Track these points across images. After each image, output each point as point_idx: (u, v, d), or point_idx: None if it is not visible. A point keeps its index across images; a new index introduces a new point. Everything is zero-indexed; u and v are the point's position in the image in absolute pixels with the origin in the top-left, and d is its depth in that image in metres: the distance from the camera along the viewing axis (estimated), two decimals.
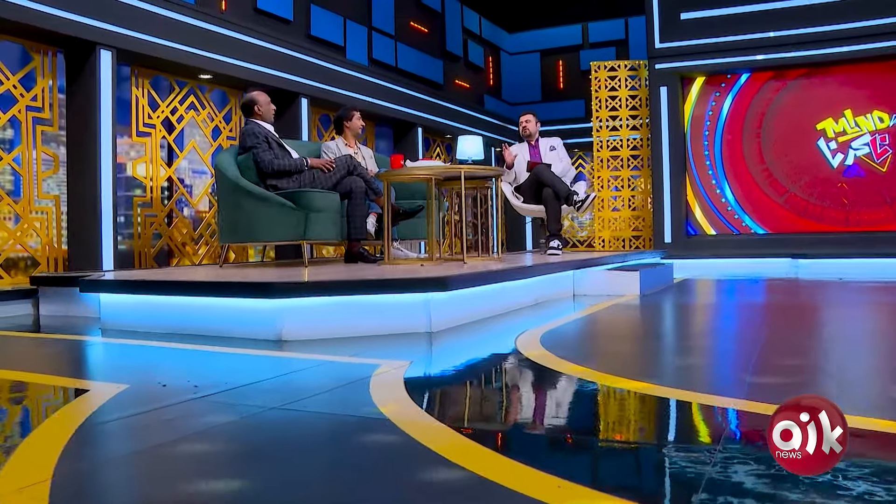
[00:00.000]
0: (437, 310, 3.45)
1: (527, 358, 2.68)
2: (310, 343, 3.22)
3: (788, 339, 3.22)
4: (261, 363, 2.84)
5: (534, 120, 7.09)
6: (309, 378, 2.51)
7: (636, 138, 9.79)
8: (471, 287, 3.61)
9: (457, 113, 10.18)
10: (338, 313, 3.37)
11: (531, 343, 2.96)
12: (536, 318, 3.98)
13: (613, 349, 3.02)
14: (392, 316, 3.43)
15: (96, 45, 5.19)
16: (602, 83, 9.88)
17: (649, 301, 4.75)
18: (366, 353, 2.96)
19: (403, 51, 9.24)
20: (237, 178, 4.97)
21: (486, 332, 3.47)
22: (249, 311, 3.37)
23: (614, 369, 2.44)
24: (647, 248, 9.46)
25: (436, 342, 3.23)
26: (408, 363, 2.67)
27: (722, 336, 3.50)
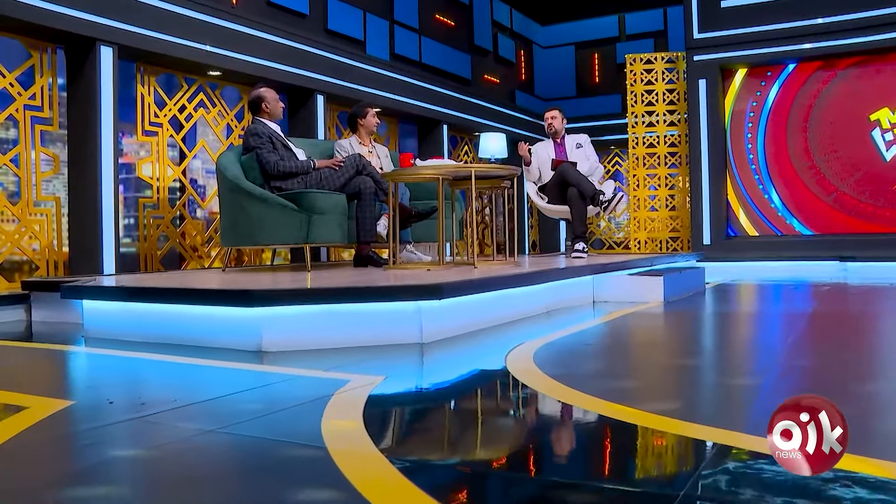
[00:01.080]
0: (429, 319, 3.27)
1: (512, 377, 2.47)
2: (290, 355, 3.07)
3: (841, 355, 2.93)
4: (227, 377, 2.70)
5: (560, 116, 6.86)
6: (267, 395, 2.35)
7: (674, 135, 9.47)
8: (467, 295, 3.41)
9: (485, 109, 9.97)
10: (322, 323, 3.21)
11: (522, 359, 2.75)
12: (543, 327, 3.76)
13: (616, 367, 2.78)
14: (380, 326, 3.25)
15: (96, 42, 5.12)
16: (638, 77, 9.59)
17: (674, 309, 4.49)
18: (343, 366, 2.79)
19: (428, 45, 9.07)
20: (237, 178, 4.86)
21: (482, 344, 3.27)
22: (229, 321, 3.23)
23: (612, 393, 2.21)
24: (685, 251, 9.14)
25: (423, 355, 3.05)
26: (381, 379, 2.49)
27: (756, 352, 3.19)
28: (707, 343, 3.45)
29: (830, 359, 2.86)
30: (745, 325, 4.07)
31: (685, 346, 3.33)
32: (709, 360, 2.94)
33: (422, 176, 4.70)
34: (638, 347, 3.28)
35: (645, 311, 4.34)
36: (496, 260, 5.27)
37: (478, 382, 2.56)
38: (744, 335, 3.75)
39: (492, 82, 10.52)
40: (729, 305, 5.13)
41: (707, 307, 4.80)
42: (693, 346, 3.36)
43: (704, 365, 2.82)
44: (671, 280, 4.81)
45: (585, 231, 6.35)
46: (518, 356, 2.81)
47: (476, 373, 2.72)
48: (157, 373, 2.87)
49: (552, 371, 2.53)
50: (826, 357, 2.92)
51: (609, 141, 11.21)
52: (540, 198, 6.77)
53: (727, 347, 3.31)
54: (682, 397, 2.22)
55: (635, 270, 5.21)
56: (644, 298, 4.73)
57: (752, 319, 4.32)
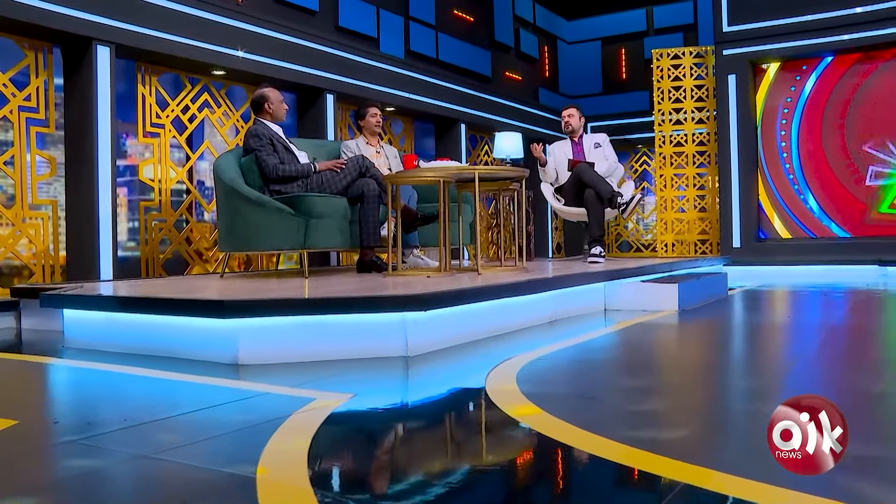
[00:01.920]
0: (414, 332, 3.13)
1: (487, 398, 2.32)
2: (267, 368, 2.96)
3: (872, 380, 2.69)
4: (189, 394, 2.59)
5: (577, 115, 6.69)
6: (222, 415, 2.23)
7: (702, 132, 9.22)
8: (457, 306, 3.28)
9: (506, 108, 9.82)
10: (301, 335, 3.10)
11: (505, 377, 2.60)
12: (542, 339, 3.60)
13: (605, 389, 2.61)
14: (363, 338, 3.13)
15: (92, 41, 5.09)
16: (665, 73, 9.36)
17: (688, 319, 4.29)
18: (316, 382, 2.67)
19: (446, 42, 8.94)
20: (233, 181, 4.78)
21: (470, 358, 3.12)
22: (205, 332, 3.13)
23: (596, 422, 2.04)
24: (714, 254, 8.89)
25: (405, 370, 2.92)
26: (347, 398, 2.37)
27: (769, 372, 3.01)
28: (714, 360, 3.25)
29: (860, 384, 2.67)
30: (761, 339, 3.86)
31: (688, 364, 3.13)
32: (712, 380, 2.75)
33: (423, 178, 4.57)
34: (633, 364, 3.10)
35: (655, 322, 4.16)
36: (504, 266, 5.12)
37: (448, 404, 2.42)
38: (758, 350, 3.55)
39: (513, 79, 10.36)
40: (749, 315, 4.91)
41: (725, 317, 4.59)
42: (698, 363, 3.16)
43: (706, 387, 2.64)
44: (687, 287, 4.62)
45: (602, 235, 6.17)
46: (501, 373, 2.66)
47: (452, 392, 2.57)
48: (121, 388, 2.78)
49: (532, 390, 2.38)
50: (855, 382, 2.73)
51: (636, 140, 10.99)
52: (556, 200, 6.60)
53: (736, 365, 3.11)
54: (676, 427, 2.05)
55: (650, 277, 5.02)
56: (658, 307, 4.54)
57: (773, 332, 4.11)
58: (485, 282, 3.91)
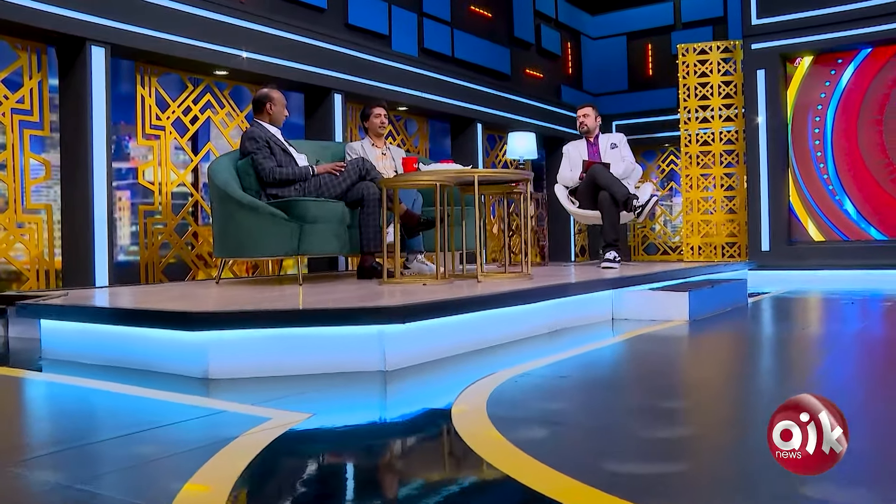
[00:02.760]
0: (392, 345, 3.01)
1: (450, 423, 2.18)
2: (237, 383, 2.87)
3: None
4: (146, 411, 2.51)
5: (592, 114, 6.52)
6: (165, 437, 2.13)
7: (730, 131, 8.97)
8: (438, 318, 3.15)
9: (526, 106, 9.66)
10: (274, 348, 3.00)
11: (477, 397, 2.46)
12: (535, 351, 3.46)
13: (586, 413, 2.44)
14: (339, 352, 3.02)
15: (86, 41, 5.05)
16: (691, 68, 9.13)
17: (698, 330, 4.12)
18: (282, 399, 2.57)
19: (462, 39, 8.81)
20: (226, 185, 4.71)
21: (451, 373, 2.99)
22: (174, 345, 3.04)
23: (567, 456, 1.87)
24: (742, 257, 8.64)
25: (378, 386, 2.80)
26: (304, 418, 2.26)
27: (774, 397, 2.83)
28: (713, 379, 3.07)
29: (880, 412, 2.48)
30: (775, 354, 3.67)
31: (684, 383, 2.95)
32: (707, 405, 2.58)
33: (419, 182, 4.46)
34: (622, 383, 2.94)
35: (660, 333, 3.99)
36: (509, 272, 4.98)
37: (405, 428, 2.28)
38: (768, 368, 3.37)
39: (534, 77, 10.20)
40: (767, 326, 4.71)
41: (738, 328, 4.39)
42: (695, 383, 2.97)
43: (699, 414, 2.48)
44: (699, 296, 4.44)
45: (617, 239, 5.99)
46: (475, 392, 2.52)
47: (415, 414, 2.44)
48: (77, 405, 2.70)
49: (503, 413, 2.24)
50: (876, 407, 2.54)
51: (663, 138, 10.76)
52: (570, 202, 6.44)
53: (738, 386, 2.93)
54: (666, 466, 1.90)
55: (660, 284, 4.84)
56: (667, 316, 4.37)
57: (790, 345, 3.91)
58: (483, 290, 3.79)
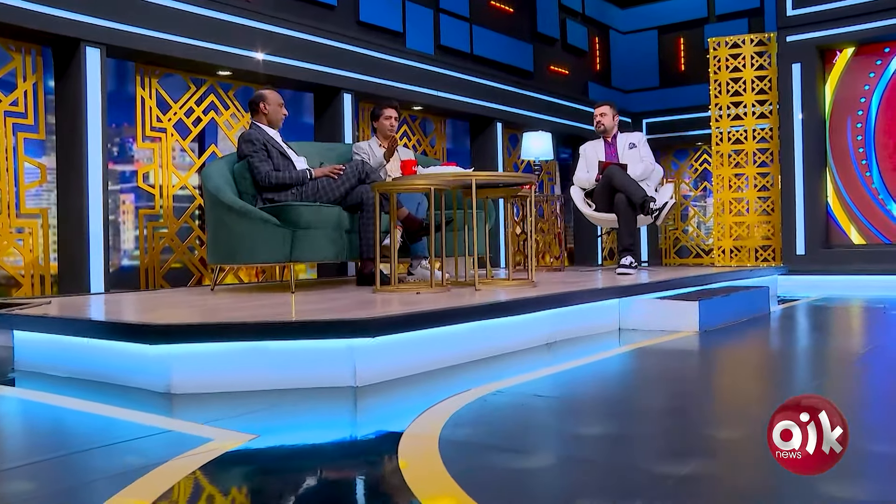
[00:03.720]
0: (364, 359, 2.90)
1: (396, 451, 2.04)
2: (200, 399, 2.79)
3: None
4: (90, 429, 2.43)
5: (610, 113, 6.34)
6: (96, 459, 2.04)
7: (764, 128, 8.68)
8: (413, 331, 3.03)
9: (550, 104, 9.47)
10: (239, 362, 2.91)
11: (437, 418, 2.33)
12: (523, 365, 3.31)
13: (555, 441, 2.26)
14: (308, 366, 2.92)
15: (80, 42, 5.03)
16: (722, 63, 8.86)
17: (708, 342, 3.93)
18: (239, 416, 2.49)
19: (481, 35, 8.67)
20: (218, 189, 4.64)
21: (426, 389, 2.85)
22: (137, 358, 2.97)
23: (516, 500, 1.71)
24: (777, 261, 8.36)
25: (342, 404, 2.70)
26: (246, 440, 2.17)
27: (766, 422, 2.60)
28: (706, 403, 2.88)
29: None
30: (782, 371, 3.47)
31: (673, 409, 2.73)
32: (692, 432, 2.41)
33: (412, 186, 4.34)
34: (598, 405, 2.75)
35: (665, 346, 3.81)
36: (513, 279, 4.84)
37: (345, 454, 2.15)
38: (775, 387, 3.18)
39: (559, 74, 10.01)
40: (785, 338, 4.48)
41: (752, 340, 4.18)
42: (685, 409, 2.71)
43: (682, 440, 2.31)
44: (711, 305, 4.25)
45: (634, 243, 5.82)
46: (436, 413, 2.39)
47: (364, 438, 2.31)
48: (24, 423, 2.64)
49: (459, 437, 2.11)
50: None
51: (696, 137, 10.48)
52: (587, 205, 6.28)
53: (733, 410, 2.74)
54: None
55: (671, 293, 4.66)
56: (676, 327, 4.19)
57: (801, 361, 3.71)
58: (471, 300, 3.66)
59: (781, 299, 6.69)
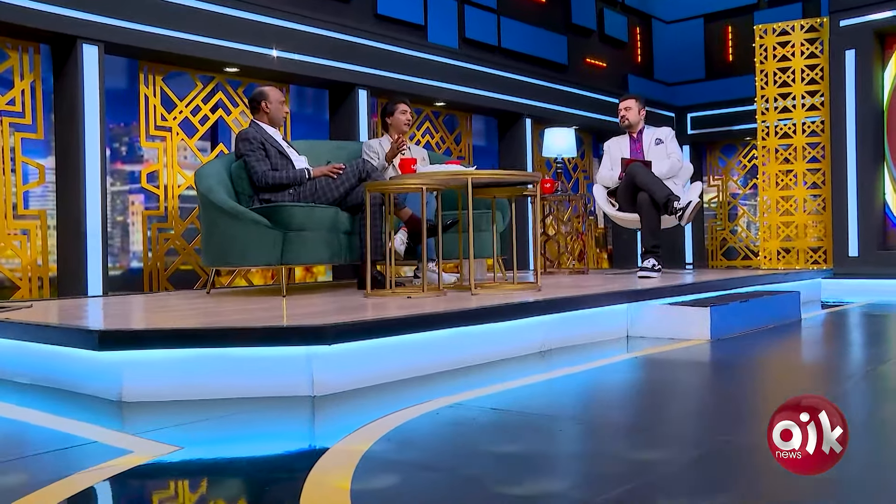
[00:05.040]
0: (323, 368, 2.81)
1: (311, 470, 1.94)
2: (151, 407, 2.73)
3: None
4: (20, 438, 2.40)
5: (636, 106, 6.14)
6: (6, 472, 2.01)
7: (815, 121, 8.35)
8: (370, 339, 2.93)
9: (586, 99, 9.27)
10: (194, 370, 2.85)
11: (371, 433, 2.22)
12: (503, 375, 3.19)
13: (494, 467, 2.13)
14: (266, 374, 2.84)
15: (77, 40, 5.08)
16: (769, 52, 8.55)
17: (718, 351, 3.72)
18: (176, 427, 2.43)
19: (510, 27, 8.53)
20: (209, 190, 4.62)
21: (384, 401, 2.75)
22: (90, 364, 2.94)
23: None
24: (828, 264, 8.02)
25: (291, 415, 2.61)
26: (168, 451, 2.11)
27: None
28: (675, 426, 2.67)
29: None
30: (785, 390, 3.26)
31: (633, 430, 2.53)
32: (663, 467, 2.23)
33: (403, 186, 4.25)
34: (557, 423, 2.58)
35: (669, 356, 3.62)
36: (517, 283, 4.71)
37: (257, 470, 2.04)
38: (759, 411, 2.97)
39: (596, 67, 9.80)
40: (807, 349, 4.22)
41: (768, 351, 3.93)
42: (648, 430, 2.45)
43: (647, 477, 2.15)
44: (724, 311, 4.04)
45: (658, 245, 5.61)
46: (375, 428, 2.28)
47: (288, 454, 2.21)
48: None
49: (392, 456, 2.00)
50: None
51: (745, 131, 10.16)
52: (610, 205, 6.09)
53: (698, 435, 2.53)
54: None
55: (688, 298, 4.46)
56: (686, 334, 3.99)
57: (810, 378, 3.49)
58: (478, 303, 3.57)
59: (825, 304, 6.41)
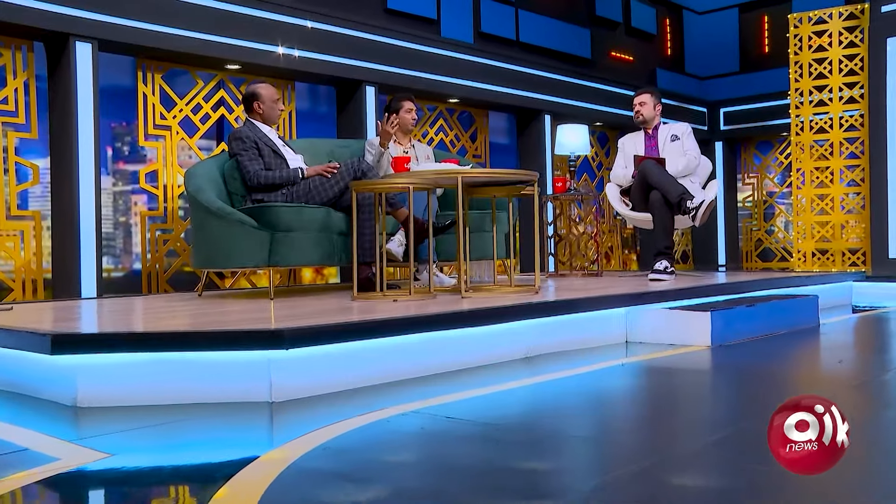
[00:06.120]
0: (281, 373, 2.78)
1: (210, 491, 1.89)
2: (106, 413, 2.74)
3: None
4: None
5: (651, 101, 6.01)
6: None
7: (853, 115, 8.12)
8: (333, 343, 2.89)
9: (610, 95, 9.14)
10: (153, 374, 2.84)
11: (307, 443, 2.17)
12: (479, 381, 3.12)
13: (398, 481, 1.94)
14: (225, 379, 2.83)
15: (70, 37, 5.12)
16: (804, 42, 8.34)
17: (716, 359, 3.60)
18: (116, 434, 2.44)
19: (529, 20, 8.43)
20: (197, 190, 4.62)
21: (339, 408, 2.70)
22: (45, 368, 2.95)
23: None
24: (866, 267, 7.79)
25: (242, 422, 2.59)
26: (94, 459, 2.10)
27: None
28: (631, 440, 2.54)
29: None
30: (773, 401, 3.14)
31: (587, 442, 2.38)
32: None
33: (390, 186, 4.21)
34: (497, 432, 2.48)
35: (659, 363, 3.51)
36: (514, 286, 4.64)
37: (166, 483, 2.03)
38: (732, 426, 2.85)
39: (622, 61, 9.66)
40: (815, 358, 4.03)
41: (770, 360, 3.76)
42: (599, 444, 2.32)
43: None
44: (728, 316, 3.92)
45: (670, 246, 5.49)
46: (310, 439, 2.21)
47: (215, 462, 2.18)
48: None
49: (312, 465, 1.95)
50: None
51: (782, 126, 9.92)
52: (623, 204, 5.98)
53: (648, 451, 2.43)
54: None
55: (694, 302, 4.35)
56: (686, 340, 3.88)
57: (805, 388, 3.36)
58: (471, 306, 3.52)
59: (857, 309, 6.23)
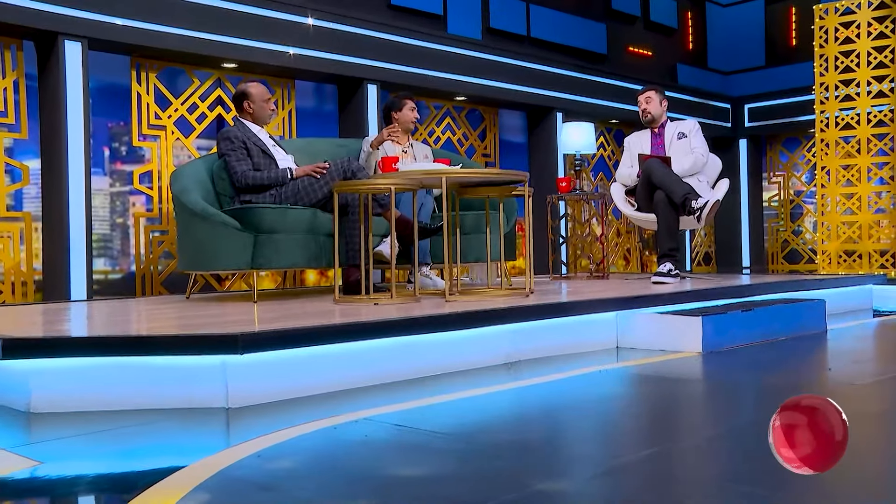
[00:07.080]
0: (238, 379, 2.77)
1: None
2: (58, 419, 2.74)
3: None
4: None
5: (656, 99, 5.93)
6: None
7: (882, 110, 7.95)
8: (291, 348, 2.87)
9: (627, 91, 9.03)
10: (107, 379, 2.84)
11: (235, 454, 2.13)
12: (451, 387, 3.09)
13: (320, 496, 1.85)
14: (181, 384, 2.82)
15: (58, 36, 5.17)
16: (830, 34, 8.18)
17: (706, 366, 3.51)
18: (56, 441, 2.44)
19: (541, 15, 8.37)
20: (182, 191, 4.64)
21: (295, 415, 2.69)
22: (2, 373, 2.98)
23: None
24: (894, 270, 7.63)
25: (190, 429, 2.58)
26: (22, 468, 2.10)
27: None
28: (589, 453, 2.50)
29: None
30: (749, 414, 3.05)
31: (525, 450, 2.31)
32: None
33: (372, 187, 4.18)
34: (444, 441, 2.48)
35: (643, 370, 3.44)
36: (505, 289, 4.59)
37: (79, 494, 2.03)
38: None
39: (641, 56, 9.55)
40: (812, 366, 3.88)
41: (760, 368, 3.63)
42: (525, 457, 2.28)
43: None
44: (721, 321, 3.83)
45: (675, 248, 5.40)
46: (248, 447, 2.21)
47: (139, 471, 2.16)
48: None
49: (240, 475, 1.92)
50: None
51: (809, 122, 9.75)
52: (628, 204, 5.91)
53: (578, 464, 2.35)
54: None
55: (691, 306, 4.27)
56: (676, 346, 3.80)
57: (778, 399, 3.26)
58: (449, 310, 3.50)
59: (878, 313, 6.11)
